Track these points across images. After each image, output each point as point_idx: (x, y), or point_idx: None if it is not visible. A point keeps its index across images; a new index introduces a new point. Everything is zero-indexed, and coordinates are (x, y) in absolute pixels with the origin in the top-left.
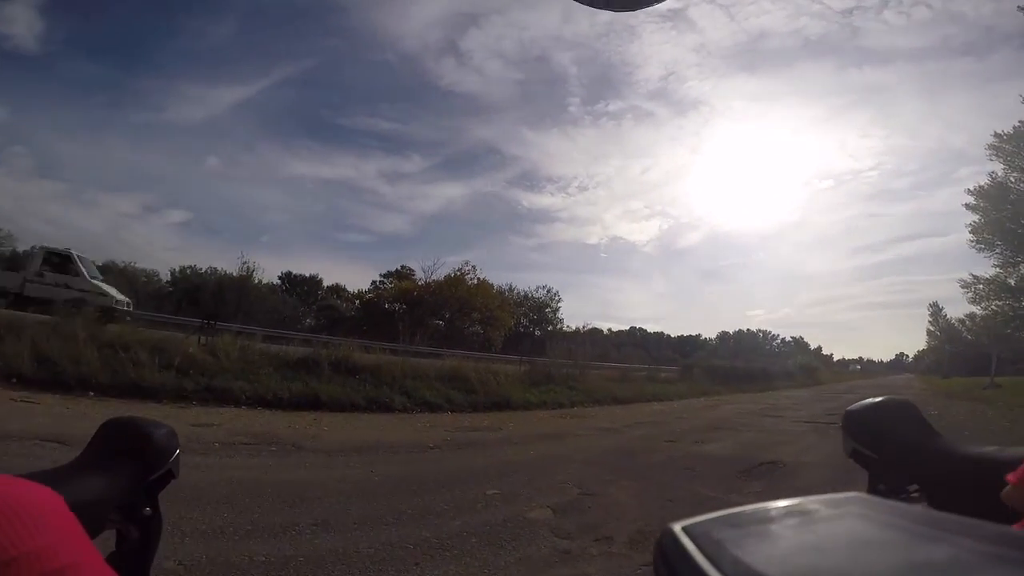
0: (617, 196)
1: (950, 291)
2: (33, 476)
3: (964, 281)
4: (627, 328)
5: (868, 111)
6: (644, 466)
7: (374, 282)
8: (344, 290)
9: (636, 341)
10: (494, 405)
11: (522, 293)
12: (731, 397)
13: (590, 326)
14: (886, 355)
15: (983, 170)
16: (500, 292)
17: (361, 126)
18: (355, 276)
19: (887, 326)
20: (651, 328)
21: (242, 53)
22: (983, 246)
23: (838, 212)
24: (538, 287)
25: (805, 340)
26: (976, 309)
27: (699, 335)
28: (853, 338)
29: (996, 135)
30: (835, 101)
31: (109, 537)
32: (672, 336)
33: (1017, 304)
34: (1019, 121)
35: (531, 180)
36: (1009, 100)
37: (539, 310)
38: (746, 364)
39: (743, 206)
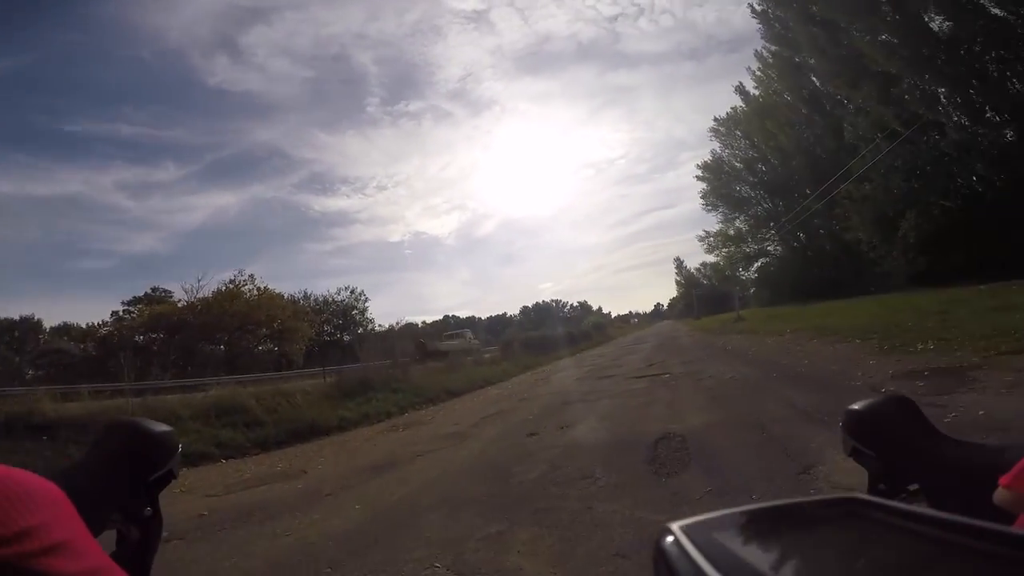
0: (417, 194)
1: (684, 248)
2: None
3: (700, 236)
4: (440, 318)
5: (618, 109)
6: (529, 488)
7: (115, 312)
8: (76, 328)
9: (450, 327)
10: (294, 436)
11: (321, 298)
12: (552, 366)
13: (404, 321)
14: (647, 306)
15: (699, 154)
16: (293, 301)
17: (94, 133)
18: (96, 309)
19: (644, 283)
20: (463, 314)
21: None
22: (710, 207)
23: (598, 195)
24: (339, 289)
25: (589, 303)
26: (711, 257)
27: (505, 313)
28: (622, 296)
29: (715, 119)
30: (594, 102)
31: (109, 537)
32: (483, 318)
33: (737, 248)
34: (731, 108)
35: (323, 183)
36: (719, 97)
37: (344, 314)
38: (553, 332)
39: (528, 195)
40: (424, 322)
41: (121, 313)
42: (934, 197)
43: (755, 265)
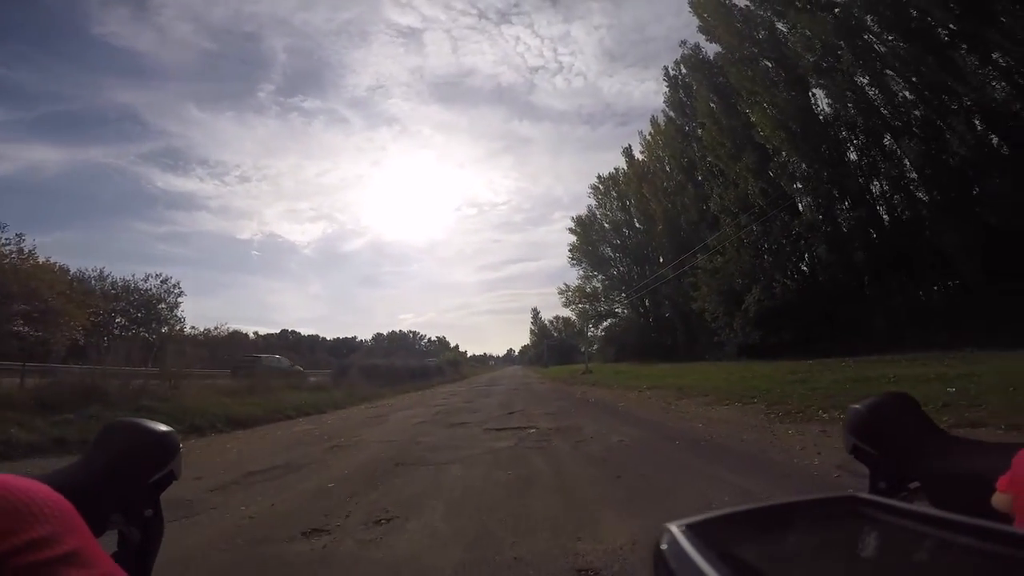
0: (284, 194)
1: (541, 301)
2: (36, 478)
3: (560, 288)
4: (278, 331)
5: (512, 157)
6: None
7: None
8: None
9: (287, 344)
10: None
11: (121, 283)
12: (396, 400)
13: (228, 327)
14: (501, 351)
15: (571, 214)
16: (75, 277)
17: None
18: None
19: (502, 327)
20: (305, 331)
21: None
22: (575, 262)
23: (475, 235)
24: (147, 275)
25: (447, 339)
26: (566, 311)
27: (355, 337)
28: (479, 337)
29: (598, 177)
30: (494, 145)
31: (111, 538)
32: (328, 339)
33: (590, 305)
34: (614, 168)
35: (176, 159)
36: (599, 166)
37: (147, 306)
38: (404, 362)
39: (406, 221)
40: (256, 332)
41: None
42: (778, 274)
43: (604, 323)
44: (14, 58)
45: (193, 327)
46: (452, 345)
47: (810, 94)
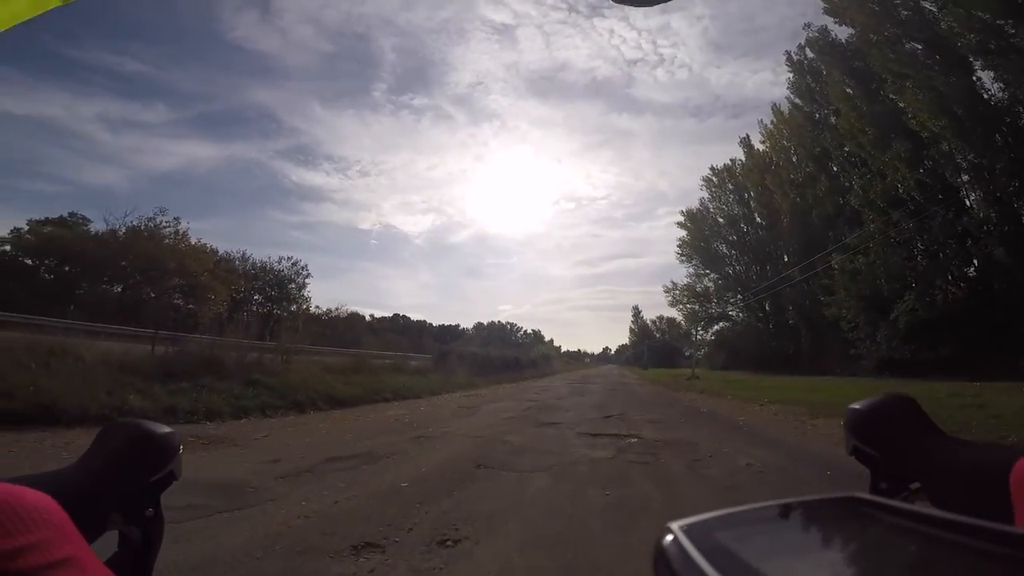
0: (398, 187)
1: (641, 300)
2: (36, 478)
3: (667, 286)
4: (390, 315)
5: (611, 151)
6: None
7: (16, 229)
8: None
9: (398, 328)
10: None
11: (258, 264)
12: (490, 391)
13: (347, 308)
14: (596, 348)
15: (675, 211)
16: (223, 258)
17: (97, 63)
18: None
19: (597, 324)
20: (415, 316)
21: None
22: (685, 258)
23: (573, 230)
24: (280, 258)
25: (542, 333)
26: (673, 310)
27: (458, 325)
28: (574, 333)
29: (712, 168)
30: (591, 139)
31: (111, 538)
32: (434, 325)
33: (701, 307)
34: (730, 159)
35: (307, 155)
36: (709, 159)
37: (280, 285)
38: (499, 352)
39: (507, 214)
40: (372, 315)
41: (25, 230)
42: (939, 279)
43: (715, 327)
44: (167, 60)
45: (318, 306)
46: (547, 339)
47: (974, 78)
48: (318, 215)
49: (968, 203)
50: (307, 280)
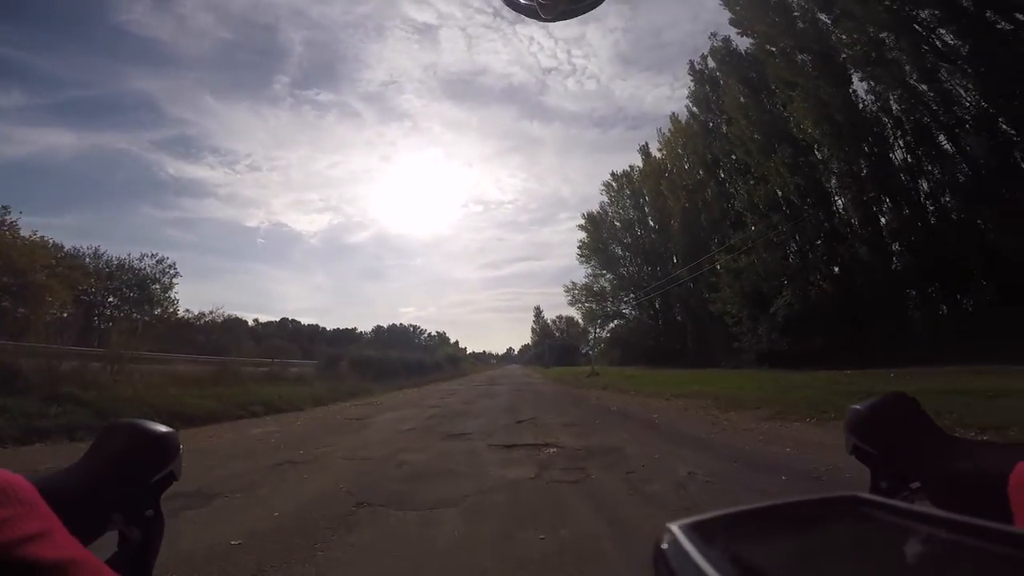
0: (293, 184)
1: (543, 301)
2: (33, 478)
3: (567, 286)
4: (278, 319)
5: (520, 156)
6: None
7: None
8: None
9: (287, 333)
10: None
11: (114, 261)
12: (387, 397)
13: (222, 311)
14: (501, 349)
15: (576, 216)
16: (68, 254)
17: None
18: None
19: (502, 325)
20: (305, 320)
21: None
22: (584, 259)
23: (480, 233)
24: (143, 255)
25: (447, 335)
26: (572, 310)
27: (355, 328)
28: (480, 334)
29: (612, 174)
30: (503, 143)
31: (111, 539)
32: (328, 329)
33: (598, 305)
34: (628, 166)
35: (189, 147)
36: (609, 166)
37: (140, 286)
38: (400, 356)
39: (411, 216)
40: (256, 320)
41: None
42: (812, 276)
43: (610, 324)
44: (37, 44)
45: (188, 310)
46: (452, 341)
47: (851, 90)
48: (199, 211)
49: (838, 206)
50: (174, 280)
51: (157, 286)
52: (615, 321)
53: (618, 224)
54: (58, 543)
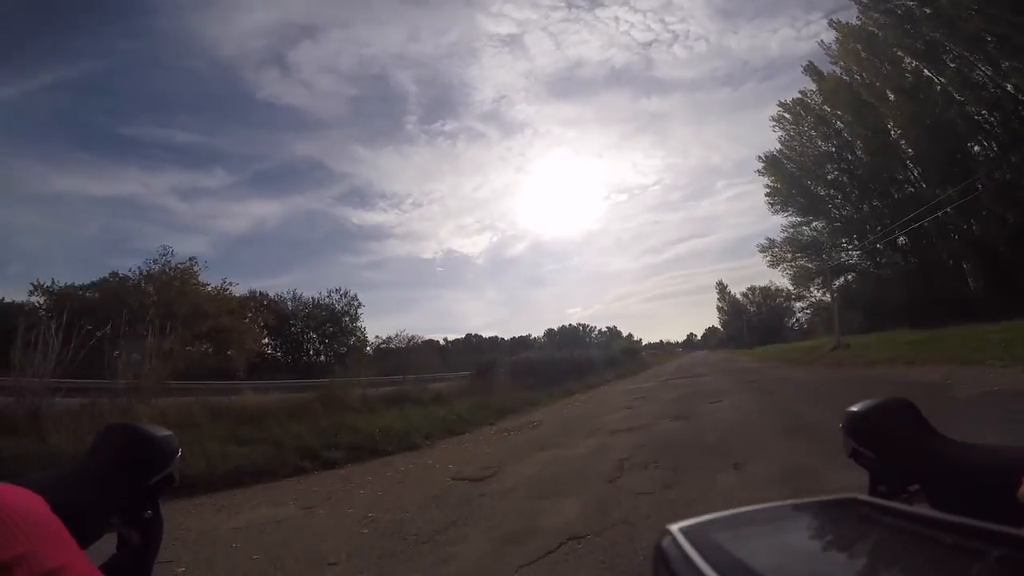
0: (451, 212)
1: (718, 277)
2: (33, 481)
3: (762, 245)
4: (463, 336)
5: (651, 136)
6: None
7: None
8: None
9: (472, 347)
10: None
11: (310, 301)
12: (550, 410)
13: (406, 334)
14: (679, 336)
15: (734, 182)
16: (251, 297)
17: (151, 137)
18: None
19: (675, 312)
20: (486, 334)
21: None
22: (778, 207)
23: (630, 220)
24: (331, 291)
25: (618, 329)
26: (776, 274)
27: (529, 334)
28: (652, 325)
29: (780, 104)
30: (626, 127)
31: (110, 541)
32: (506, 339)
33: (814, 262)
34: (800, 91)
35: (362, 197)
36: (751, 126)
37: (335, 320)
38: (569, 354)
39: (559, 218)
40: (446, 339)
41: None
42: None
43: (836, 282)
44: (215, 128)
45: (378, 336)
46: (625, 334)
47: None
48: (383, 252)
49: None
50: (359, 311)
51: (347, 318)
52: (846, 276)
53: (810, 160)
54: (82, 574)
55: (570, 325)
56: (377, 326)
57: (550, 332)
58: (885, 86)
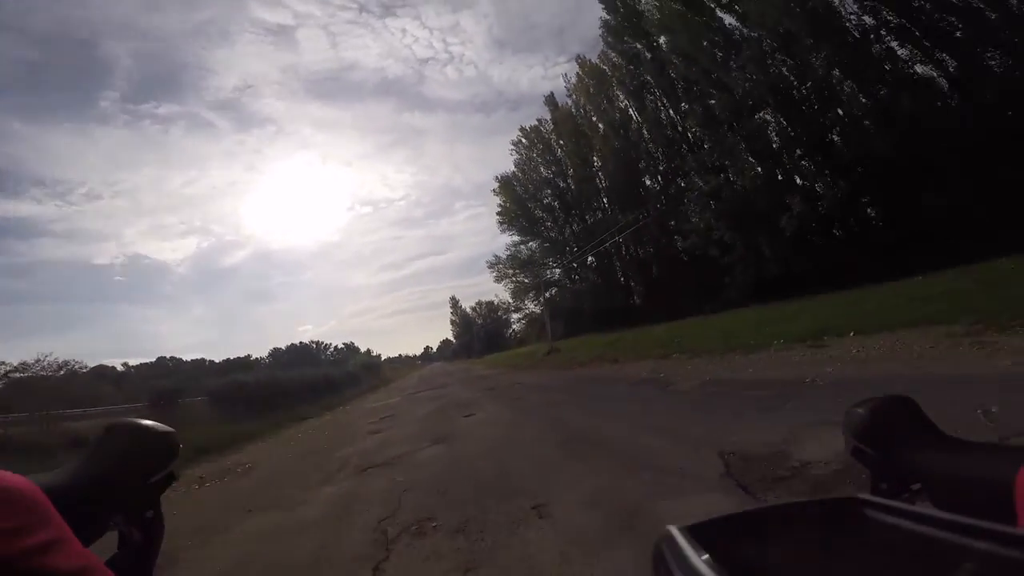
0: (144, 209)
1: (453, 294)
2: (34, 478)
3: (490, 262)
4: (153, 359)
5: (406, 150)
6: None
7: None
8: None
9: (166, 371)
10: None
11: None
12: (270, 445)
13: (61, 360)
14: (417, 350)
15: (472, 204)
16: None
17: None
18: None
19: (413, 326)
20: (189, 356)
21: None
22: (506, 226)
23: (373, 234)
24: None
25: (356, 345)
26: (492, 294)
27: (249, 355)
28: (390, 340)
29: (520, 129)
30: (384, 139)
31: (111, 539)
32: (216, 361)
33: (530, 277)
34: (536, 120)
35: (4, 180)
36: (499, 150)
37: None
38: (299, 374)
39: (292, 226)
40: (126, 364)
41: None
42: (818, 179)
43: (546, 294)
44: None
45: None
46: (364, 350)
47: None
48: (31, 254)
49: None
50: None
51: None
52: (551, 290)
53: (533, 184)
54: (71, 551)
55: (301, 343)
56: (16, 351)
57: (276, 352)
58: (600, 120)
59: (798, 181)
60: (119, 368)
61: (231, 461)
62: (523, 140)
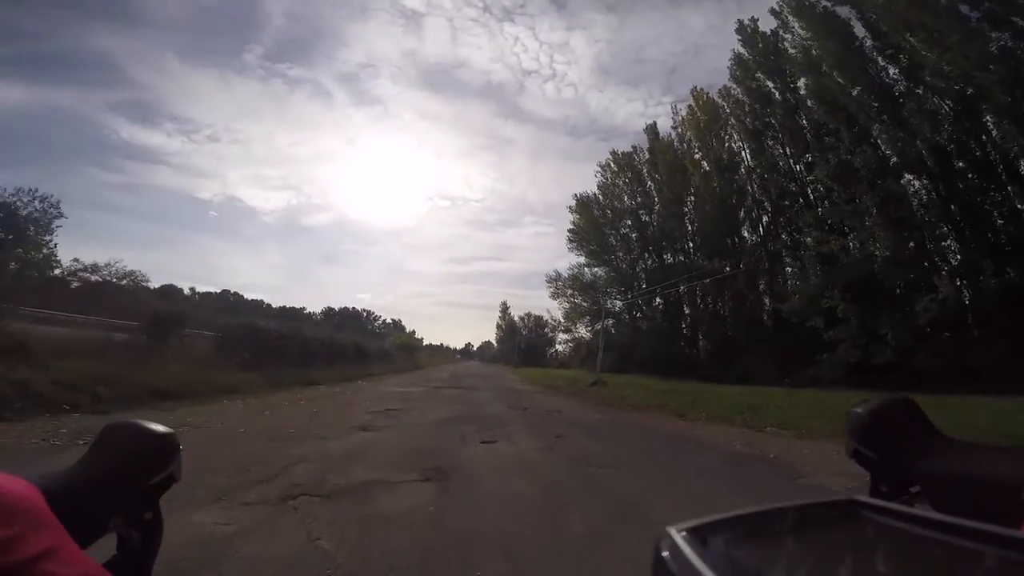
0: (253, 158)
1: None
2: (33, 479)
3: (550, 276)
4: (218, 291)
5: (492, 156)
6: None
7: None
8: None
9: (227, 305)
10: None
11: None
12: (224, 414)
13: (127, 270)
14: (458, 344)
15: (540, 220)
16: None
17: None
18: None
19: (461, 321)
20: (249, 295)
21: None
22: (576, 246)
23: (445, 228)
24: (18, 189)
25: (403, 323)
26: (542, 309)
27: (304, 308)
28: (437, 328)
29: (612, 153)
30: (476, 140)
31: (110, 541)
32: (273, 306)
33: (588, 302)
34: (632, 146)
35: (147, 111)
36: (577, 176)
37: (10, 225)
38: (329, 336)
39: (375, 203)
40: (193, 290)
41: None
42: (975, 255)
43: (600, 324)
44: None
45: (75, 260)
46: (409, 330)
47: None
48: (146, 177)
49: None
50: (55, 224)
51: (32, 228)
52: (609, 320)
53: (613, 210)
54: (69, 558)
55: (354, 308)
56: (93, 252)
57: (329, 311)
58: (705, 157)
59: (940, 263)
60: (186, 292)
61: (250, 407)
62: (612, 164)
